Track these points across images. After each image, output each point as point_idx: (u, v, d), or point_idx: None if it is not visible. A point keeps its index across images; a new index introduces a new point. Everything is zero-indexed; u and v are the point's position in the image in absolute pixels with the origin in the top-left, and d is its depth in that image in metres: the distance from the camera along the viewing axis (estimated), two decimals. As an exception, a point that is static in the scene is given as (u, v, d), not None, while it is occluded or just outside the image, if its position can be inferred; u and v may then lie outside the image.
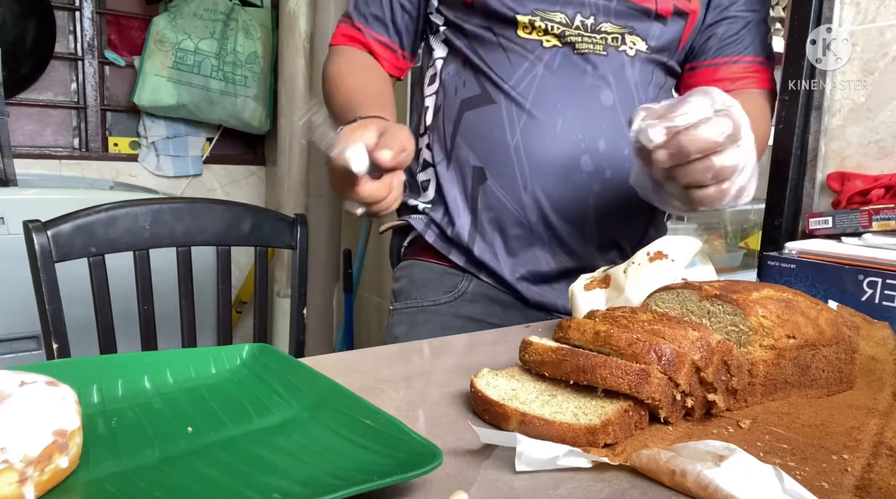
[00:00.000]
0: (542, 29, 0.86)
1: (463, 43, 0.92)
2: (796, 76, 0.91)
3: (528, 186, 0.87)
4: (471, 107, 0.91)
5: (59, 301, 0.91)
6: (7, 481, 0.31)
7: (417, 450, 0.36)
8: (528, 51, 0.87)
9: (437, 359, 0.58)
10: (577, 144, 0.86)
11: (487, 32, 0.88)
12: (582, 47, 0.86)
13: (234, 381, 0.49)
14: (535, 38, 0.87)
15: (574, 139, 0.86)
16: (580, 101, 0.86)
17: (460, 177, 0.92)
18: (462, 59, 0.93)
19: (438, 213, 0.93)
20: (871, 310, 0.65)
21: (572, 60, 0.87)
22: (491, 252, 0.90)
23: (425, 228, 0.94)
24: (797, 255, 0.73)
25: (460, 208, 0.91)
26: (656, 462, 0.37)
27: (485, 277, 0.91)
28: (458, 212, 0.91)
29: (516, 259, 0.90)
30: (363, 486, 0.32)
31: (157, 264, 1.02)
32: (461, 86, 0.92)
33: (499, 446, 0.40)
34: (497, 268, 0.90)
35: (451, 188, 0.92)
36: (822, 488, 0.37)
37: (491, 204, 0.89)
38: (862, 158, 0.89)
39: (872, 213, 0.78)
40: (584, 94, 0.87)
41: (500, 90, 0.88)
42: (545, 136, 0.86)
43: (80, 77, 2.26)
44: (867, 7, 0.88)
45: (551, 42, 0.87)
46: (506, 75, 0.88)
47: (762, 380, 0.48)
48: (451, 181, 0.92)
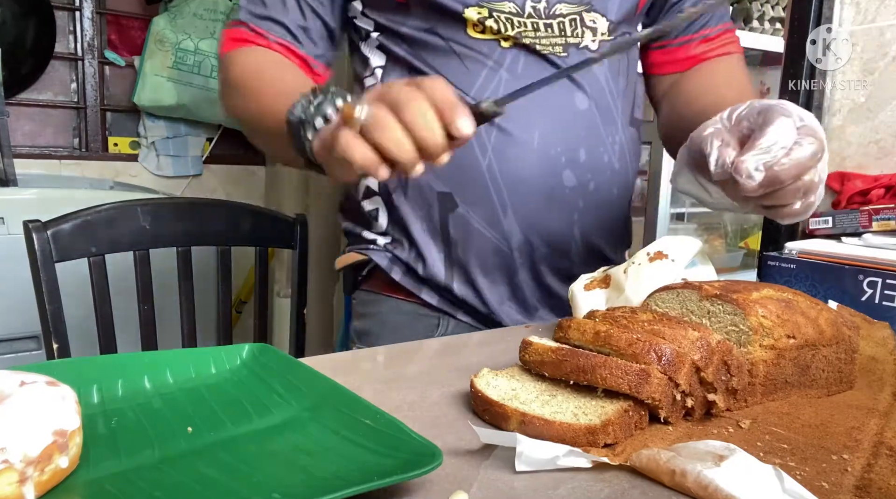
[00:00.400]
0: (494, 29, 0.74)
1: (404, 49, 0.79)
2: (796, 76, 0.91)
3: (508, 210, 0.77)
4: None
5: (59, 301, 0.91)
6: (7, 481, 0.31)
7: (417, 450, 0.36)
8: (486, 55, 0.76)
9: (437, 359, 0.58)
10: (558, 158, 0.77)
11: (433, 36, 0.77)
12: (541, 48, 0.76)
13: (234, 381, 0.49)
14: (491, 39, 0.76)
15: (554, 153, 0.76)
16: (554, 108, 0.77)
17: (423, 205, 0.79)
18: (406, 66, 0.80)
19: (403, 249, 0.82)
20: (871, 310, 0.65)
21: (536, 62, 0.77)
22: (472, 289, 0.80)
23: (390, 264, 0.82)
24: (797, 255, 0.73)
25: (429, 243, 0.80)
26: (656, 462, 0.37)
27: (463, 317, 0.82)
28: (427, 247, 0.80)
29: (498, 288, 0.81)
30: (363, 486, 0.32)
31: (157, 264, 1.02)
32: None
33: (499, 446, 0.40)
34: (479, 305, 0.81)
35: (415, 220, 0.80)
36: (822, 487, 0.37)
37: (465, 234, 0.78)
38: (862, 158, 0.89)
39: (872, 213, 0.78)
40: (556, 100, 0.77)
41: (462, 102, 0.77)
42: (522, 153, 0.76)
43: (80, 77, 2.26)
44: (867, 7, 0.88)
45: (509, 42, 0.76)
46: (465, 85, 0.76)
47: (762, 380, 0.48)
48: (413, 212, 0.80)
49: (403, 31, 0.78)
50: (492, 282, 0.81)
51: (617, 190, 0.83)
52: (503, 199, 0.76)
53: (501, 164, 0.76)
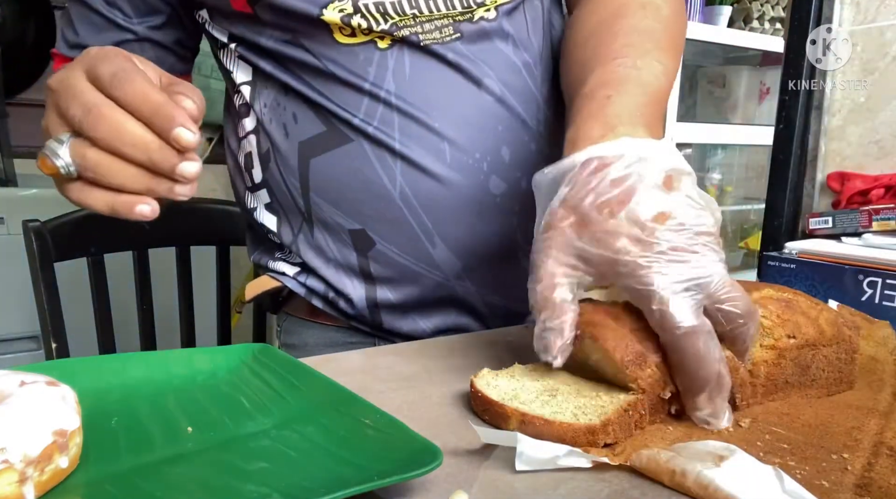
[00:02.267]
0: (364, 27, 0.62)
1: (269, 64, 0.66)
2: (796, 76, 0.91)
3: (435, 239, 0.66)
4: (316, 151, 0.65)
5: (59, 301, 0.91)
6: (7, 481, 0.31)
7: (417, 450, 0.36)
8: (364, 62, 0.63)
9: (437, 359, 0.58)
10: (479, 165, 0.65)
11: (297, 49, 0.64)
12: (426, 39, 0.63)
13: (234, 381, 0.49)
14: (365, 42, 0.63)
15: (472, 162, 0.65)
16: (459, 108, 0.65)
17: (336, 246, 0.68)
18: (278, 83, 0.67)
19: (320, 286, 0.71)
20: (871, 310, 0.64)
21: (425, 57, 0.64)
22: (409, 320, 0.71)
23: (309, 294, 0.72)
24: (797, 255, 0.73)
25: (353, 284, 0.69)
26: (656, 462, 0.37)
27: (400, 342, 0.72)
28: (349, 289, 0.69)
29: (438, 319, 0.72)
30: (363, 486, 0.32)
31: (156, 264, 1.02)
32: (291, 122, 0.66)
33: (499, 446, 0.40)
34: (417, 333, 0.72)
35: (326, 265, 0.69)
36: (823, 486, 0.37)
37: (391, 272, 0.68)
38: (862, 158, 0.89)
39: (872, 213, 0.78)
40: (460, 96, 0.65)
41: (352, 126, 0.64)
42: (435, 174, 0.65)
43: (79, 77, 2.26)
44: (867, 7, 0.88)
45: (386, 41, 0.63)
46: (351, 106, 0.64)
47: (762, 380, 0.48)
48: (323, 254, 0.69)
49: (263, 42, 0.65)
50: (430, 314, 0.71)
51: None
52: (426, 227, 0.66)
53: (415, 187, 0.64)
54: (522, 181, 0.68)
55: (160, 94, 0.42)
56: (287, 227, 0.71)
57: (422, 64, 0.64)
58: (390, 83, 0.64)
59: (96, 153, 0.42)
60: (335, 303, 0.71)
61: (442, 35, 0.64)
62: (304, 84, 0.65)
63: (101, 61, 0.43)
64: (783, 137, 0.93)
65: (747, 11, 2.53)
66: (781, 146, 0.94)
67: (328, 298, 0.71)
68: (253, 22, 0.64)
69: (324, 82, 0.65)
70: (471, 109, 0.65)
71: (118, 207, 0.44)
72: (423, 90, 0.64)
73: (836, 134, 0.91)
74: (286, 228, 0.71)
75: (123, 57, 0.44)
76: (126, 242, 0.99)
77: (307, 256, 0.70)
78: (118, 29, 0.69)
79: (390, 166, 0.64)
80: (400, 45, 0.63)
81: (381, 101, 0.64)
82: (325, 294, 0.71)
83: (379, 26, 0.62)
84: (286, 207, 0.70)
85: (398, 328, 0.71)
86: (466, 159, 0.65)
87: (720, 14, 2.36)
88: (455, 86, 0.65)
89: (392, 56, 0.63)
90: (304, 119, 0.66)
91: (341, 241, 0.68)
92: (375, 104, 0.64)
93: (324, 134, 0.65)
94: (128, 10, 0.68)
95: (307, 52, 0.64)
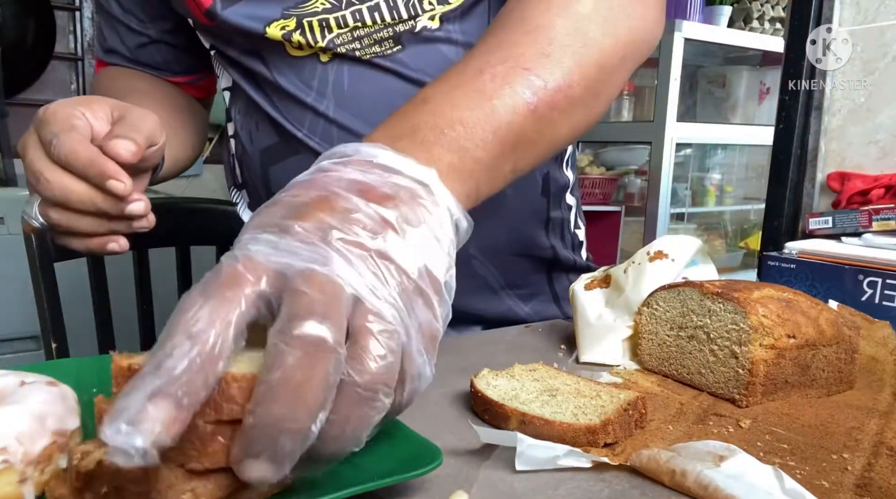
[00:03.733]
0: (304, 44, 0.62)
1: (238, 74, 0.69)
2: (796, 76, 0.91)
3: None
4: (275, 159, 0.68)
5: (59, 301, 0.91)
6: (7, 481, 0.31)
7: (417, 450, 0.36)
8: (308, 76, 0.64)
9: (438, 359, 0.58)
10: None
11: (256, 62, 0.65)
12: (366, 54, 0.62)
13: (233, 381, 0.49)
14: (309, 55, 0.64)
15: None
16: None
17: None
18: (244, 93, 0.69)
19: None
20: (871, 310, 0.64)
21: (365, 71, 0.63)
22: None
23: None
24: (797, 255, 0.73)
25: None
26: (656, 462, 0.37)
27: None
28: None
29: None
30: (363, 486, 0.32)
31: (156, 264, 1.02)
32: (254, 129, 0.69)
33: (499, 447, 0.40)
34: None
35: None
36: (823, 486, 0.37)
37: None
38: (862, 158, 0.89)
39: (872, 213, 0.78)
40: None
41: (298, 140, 0.65)
42: None
43: (80, 77, 2.26)
44: (867, 7, 0.88)
45: (327, 55, 0.63)
46: (297, 120, 0.65)
47: (762, 380, 0.48)
48: None
49: (230, 53, 0.67)
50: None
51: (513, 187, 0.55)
52: None
53: None
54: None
55: (89, 150, 0.44)
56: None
57: (360, 74, 0.63)
58: (330, 97, 0.64)
59: (56, 212, 0.46)
60: None
61: (382, 48, 0.63)
62: (262, 96, 0.67)
63: (45, 125, 0.46)
64: (783, 137, 0.93)
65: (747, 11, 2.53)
66: (781, 146, 0.94)
67: None
68: (218, 35, 0.67)
69: (276, 95, 0.66)
70: None
71: (93, 249, 0.48)
72: (362, 101, 0.63)
73: (836, 134, 0.91)
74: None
75: (64, 116, 0.46)
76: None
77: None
78: (134, 33, 0.74)
79: None
80: (339, 61, 0.63)
81: (321, 116, 0.64)
82: None
83: (317, 43, 0.62)
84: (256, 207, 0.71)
85: None
86: None
87: (720, 14, 2.36)
88: (394, 92, 0.63)
89: (332, 70, 0.63)
90: (263, 128, 0.68)
91: None
92: (317, 119, 0.65)
93: (278, 144, 0.67)
94: (140, 16, 0.73)
95: (263, 65, 0.65)
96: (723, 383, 0.50)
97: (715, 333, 0.50)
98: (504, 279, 0.74)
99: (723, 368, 0.50)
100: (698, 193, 2.65)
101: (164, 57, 0.76)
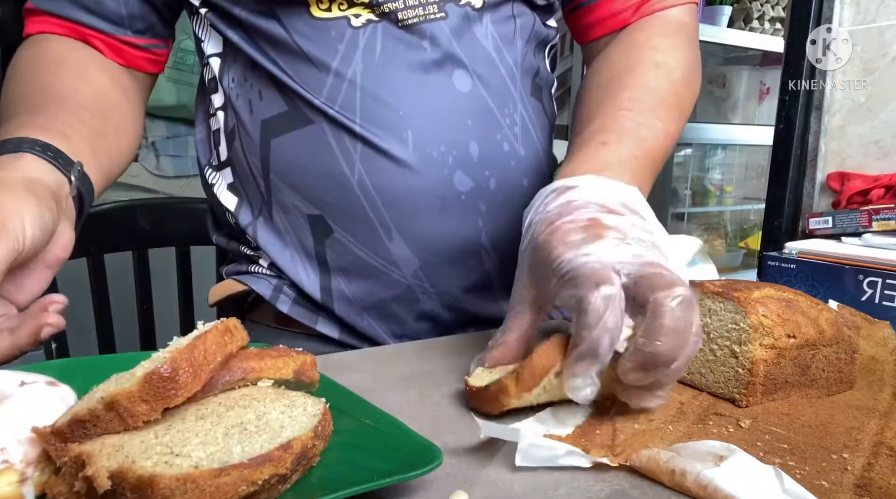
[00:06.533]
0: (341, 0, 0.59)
1: (239, 36, 0.64)
2: (796, 76, 0.91)
3: (392, 233, 0.63)
4: (278, 131, 0.64)
5: (59, 301, 0.91)
6: (7, 481, 0.31)
7: (417, 450, 0.36)
8: (334, 40, 0.61)
9: (437, 359, 0.58)
10: (443, 159, 0.62)
11: (271, 22, 0.61)
12: (408, 17, 0.61)
13: (233, 381, 0.49)
14: (339, 16, 0.60)
15: (436, 155, 0.62)
16: (428, 97, 0.62)
17: (293, 230, 0.65)
18: (245, 59, 0.65)
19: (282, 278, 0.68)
20: (871, 310, 0.65)
21: (400, 39, 0.61)
22: (365, 321, 0.68)
23: (275, 293, 0.68)
24: (797, 255, 0.73)
25: (307, 272, 0.66)
26: (656, 462, 0.37)
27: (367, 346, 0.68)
28: (303, 278, 0.66)
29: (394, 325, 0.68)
30: (363, 486, 0.32)
31: (155, 264, 1.02)
32: (256, 99, 0.65)
33: (499, 447, 0.40)
34: (387, 339, 0.69)
35: (282, 251, 0.66)
36: (822, 486, 0.37)
37: (347, 263, 0.65)
38: (862, 158, 0.89)
39: (872, 213, 0.78)
40: (430, 84, 0.62)
41: (313, 107, 0.62)
42: (395, 160, 0.61)
43: (79, 77, 2.26)
44: (867, 7, 0.88)
45: (362, 17, 0.61)
46: (314, 86, 0.61)
47: (762, 380, 0.48)
48: (280, 240, 0.67)
49: (236, 12, 0.62)
50: (392, 321, 0.68)
51: (528, 179, 0.68)
52: (383, 219, 0.63)
53: (373, 176, 0.62)
54: (491, 180, 0.65)
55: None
56: (247, 208, 0.68)
57: (393, 48, 0.61)
58: (358, 63, 0.61)
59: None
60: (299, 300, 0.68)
61: (426, 12, 0.61)
62: (269, 61, 0.63)
63: None
64: (783, 137, 0.93)
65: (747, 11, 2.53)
66: (781, 146, 0.94)
67: (293, 296, 0.68)
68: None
69: (290, 59, 0.62)
70: (437, 99, 0.62)
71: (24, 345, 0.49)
72: (391, 74, 0.61)
73: (836, 134, 0.91)
74: (245, 210, 0.68)
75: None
76: (126, 242, 0.99)
77: (263, 242, 0.67)
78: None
79: (349, 150, 0.61)
80: (374, 26, 0.61)
81: (346, 81, 0.61)
82: (290, 291, 0.68)
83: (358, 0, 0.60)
84: (247, 187, 0.67)
85: (354, 323, 0.68)
86: (430, 151, 0.62)
87: (720, 14, 2.36)
88: (425, 73, 0.62)
89: (364, 36, 0.61)
90: (268, 97, 0.64)
91: (299, 225, 0.65)
92: (339, 84, 0.61)
93: (286, 113, 0.63)
94: None
95: (279, 25, 0.61)
96: (723, 382, 0.50)
97: (715, 332, 0.50)
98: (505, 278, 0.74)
99: (723, 367, 0.50)
100: (698, 193, 2.66)
101: (130, 9, 0.66)
